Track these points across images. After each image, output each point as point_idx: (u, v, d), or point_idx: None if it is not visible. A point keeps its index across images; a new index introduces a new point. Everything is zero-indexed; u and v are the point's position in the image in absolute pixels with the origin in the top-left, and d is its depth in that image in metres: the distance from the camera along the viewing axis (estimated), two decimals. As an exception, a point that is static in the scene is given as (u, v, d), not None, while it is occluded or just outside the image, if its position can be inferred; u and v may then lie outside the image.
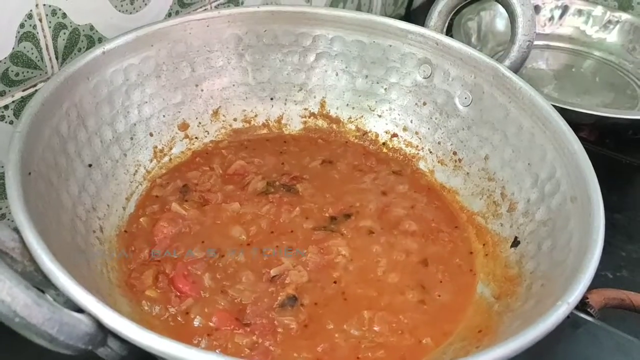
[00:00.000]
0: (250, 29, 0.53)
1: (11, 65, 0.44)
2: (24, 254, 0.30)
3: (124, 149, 0.48)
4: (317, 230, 0.46)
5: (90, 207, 0.43)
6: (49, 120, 0.40)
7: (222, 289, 0.41)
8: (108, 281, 0.40)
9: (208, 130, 0.54)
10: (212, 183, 0.49)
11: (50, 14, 0.45)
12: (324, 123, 0.57)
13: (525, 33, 0.47)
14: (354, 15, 0.54)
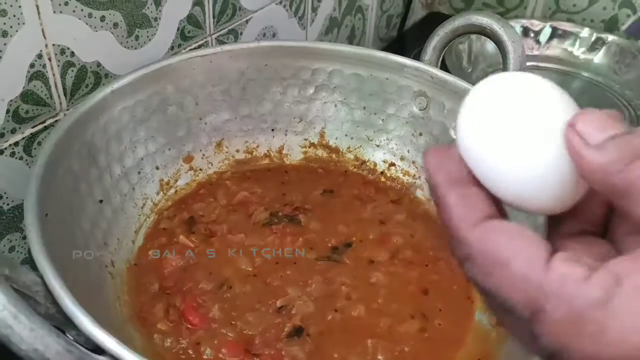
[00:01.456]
0: (251, 63, 0.55)
1: (21, 103, 0.46)
2: (47, 297, 0.32)
3: (132, 183, 0.49)
4: (320, 260, 0.48)
5: (102, 242, 0.44)
6: (62, 160, 0.42)
7: (231, 320, 0.43)
8: (121, 315, 0.41)
9: (212, 161, 0.56)
10: (217, 214, 0.51)
11: (59, 53, 0.47)
12: (324, 153, 0.59)
13: (516, 69, 0.49)
14: (352, 49, 0.56)
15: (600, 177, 0.19)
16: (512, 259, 0.19)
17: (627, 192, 0.18)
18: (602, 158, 0.19)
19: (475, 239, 0.21)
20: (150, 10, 0.53)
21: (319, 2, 0.76)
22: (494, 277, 0.20)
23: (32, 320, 0.26)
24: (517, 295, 0.19)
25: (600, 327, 0.17)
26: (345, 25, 0.84)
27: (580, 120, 0.20)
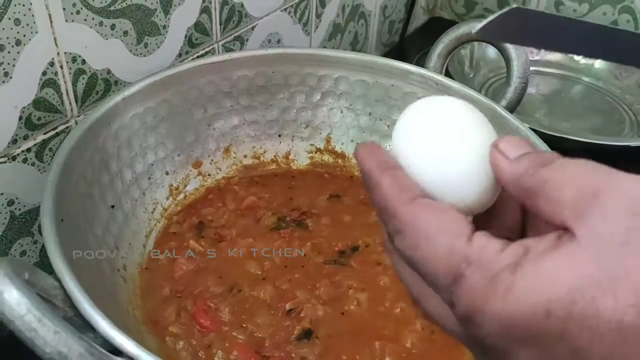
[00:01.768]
0: (259, 70, 0.56)
1: (34, 110, 0.46)
2: (65, 301, 0.32)
3: (142, 189, 0.50)
4: (327, 264, 0.49)
5: (114, 246, 0.45)
6: (76, 167, 0.42)
7: (241, 323, 0.44)
8: (134, 318, 0.42)
9: (220, 167, 0.57)
10: (226, 219, 0.52)
11: (71, 61, 0.48)
12: (330, 158, 0.60)
13: (519, 75, 0.50)
14: (358, 56, 0.56)
15: (517, 182, 0.23)
16: (439, 232, 0.22)
17: (535, 193, 0.22)
18: (518, 168, 0.23)
19: (407, 214, 0.23)
20: (159, 18, 0.54)
21: (323, 9, 0.77)
22: (421, 248, 0.22)
23: (55, 323, 0.27)
24: (441, 264, 0.22)
25: (509, 287, 0.20)
26: (348, 31, 0.85)
27: (502, 141, 0.24)
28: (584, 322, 0.19)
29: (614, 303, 0.18)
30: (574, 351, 0.19)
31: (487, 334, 0.21)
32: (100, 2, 0.48)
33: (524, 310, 0.20)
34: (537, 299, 0.19)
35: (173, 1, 0.54)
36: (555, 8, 1.00)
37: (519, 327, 0.20)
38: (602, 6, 0.96)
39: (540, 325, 0.19)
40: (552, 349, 0.20)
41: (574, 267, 0.19)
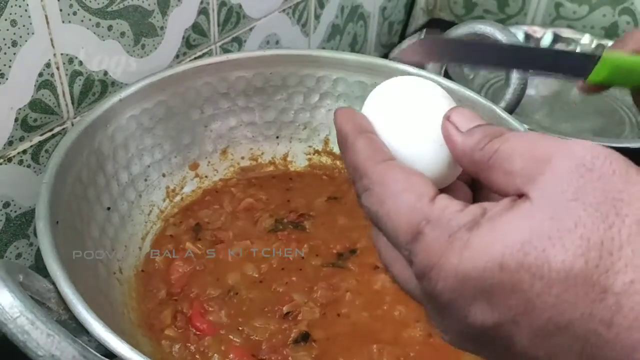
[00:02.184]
0: (257, 71, 0.55)
1: (30, 112, 0.46)
2: (59, 304, 0.32)
3: (139, 191, 0.50)
4: (325, 266, 0.48)
5: (110, 249, 0.45)
6: (71, 168, 0.42)
7: (238, 326, 0.43)
8: (129, 321, 0.42)
9: (217, 169, 0.57)
10: (223, 221, 0.52)
11: (67, 62, 0.47)
12: (328, 160, 0.60)
13: (518, 77, 0.50)
14: (356, 57, 0.56)
15: (469, 155, 0.23)
16: (405, 190, 0.23)
17: (487, 165, 0.23)
18: (469, 140, 0.23)
19: (377, 173, 0.24)
20: (157, 19, 0.53)
21: (322, 10, 0.77)
22: (385, 204, 0.23)
23: (49, 326, 0.27)
24: (402, 220, 0.23)
25: (465, 244, 0.21)
26: (347, 32, 0.85)
27: (453, 113, 0.24)
28: (536, 273, 0.20)
29: (564, 253, 0.19)
30: (525, 302, 0.20)
31: (442, 289, 0.21)
32: (97, 3, 0.47)
33: (478, 264, 0.20)
34: (492, 253, 0.20)
35: (170, 2, 0.54)
36: (555, 10, 0.99)
37: (474, 281, 0.21)
38: (602, 8, 0.96)
39: (495, 278, 0.20)
40: (506, 302, 0.20)
41: (526, 223, 0.20)
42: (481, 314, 0.21)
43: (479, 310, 0.21)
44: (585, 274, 0.19)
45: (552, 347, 0.20)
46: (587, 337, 0.19)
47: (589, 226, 0.19)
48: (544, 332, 0.20)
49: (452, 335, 0.23)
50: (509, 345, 0.21)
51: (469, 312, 0.21)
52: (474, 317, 0.21)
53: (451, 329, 0.23)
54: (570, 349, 0.20)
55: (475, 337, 0.22)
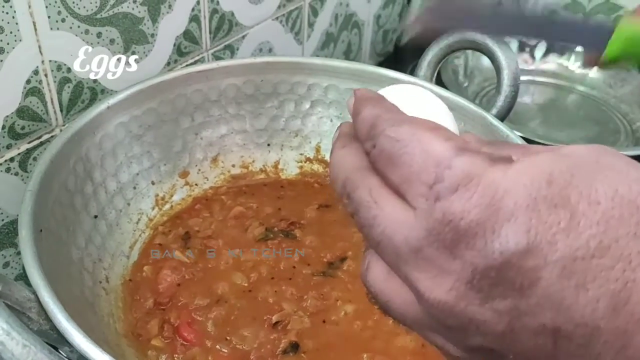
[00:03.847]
0: (247, 79, 0.55)
1: (17, 119, 0.46)
2: (40, 313, 0.32)
3: (127, 199, 0.49)
4: (315, 275, 0.48)
5: (97, 258, 0.44)
6: (57, 176, 0.42)
7: (226, 335, 0.43)
8: (115, 331, 0.41)
9: (207, 176, 0.56)
10: (213, 229, 0.51)
11: (56, 69, 0.47)
12: (320, 167, 0.59)
13: (510, 84, 0.50)
14: (347, 65, 0.56)
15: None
16: (433, 140, 0.22)
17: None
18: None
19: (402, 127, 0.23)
20: (147, 26, 0.53)
21: (315, 18, 0.77)
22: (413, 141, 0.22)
23: (25, 336, 0.26)
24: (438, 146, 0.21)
25: (509, 166, 0.20)
26: (341, 40, 0.84)
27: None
28: (583, 191, 0.19)
29: (609, 181, 0.20)
30: (569, 218, 0.19)
31: (475, 204, 0.20)
32: (86, 10, 0.47)
33: (523, 179, 0.20)
34: (540, 168, 0.20)
35: (161, 9, 0.54)
36: (549, 18, 0.99)
37: (515, 197, 0.20)
38: (596, 16, 0.96)
39: (541, 191, 0.20)
40: (547, 218, 0.19)
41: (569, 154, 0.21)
42: (513, 236, 0.19)
43: (511, 230, 0.19)
44: (630, 198, 0.19)
45: (587, 272, 0.19)
46: (630, 259, 0.19)
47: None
48: (583, 253, 0.19)
49: (458, 292, 0.20)
50: (531, 283, 0.19)
51: (499, 235, 0.19)
52: (504, 239, 0.19)
53: (463, 273, 0.20)
54: (609, 276, 0.19)
55: (490, 279, 0.20)
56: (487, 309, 0.20)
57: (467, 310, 0.20)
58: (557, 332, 0.19)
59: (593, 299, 0.19)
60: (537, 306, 0.19)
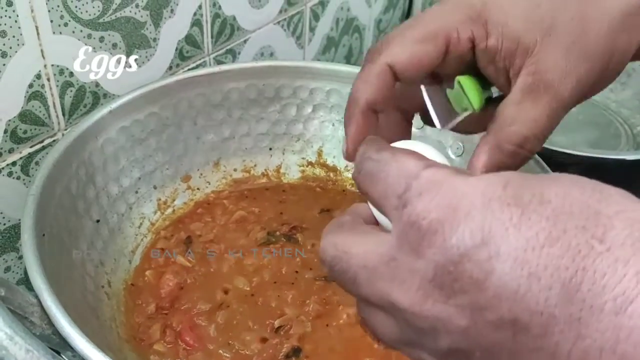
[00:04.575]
0: (249, 83, 0.55)
1: (20, 123, 0.46)
2: (43, 318, 0.31)
3: (129, 203, 0.49)
4: (317, 280, 0.48)
5: (99, 262, 0.44)
6: (60, 180, 0.42)
7: (228, 340, 0.42)
8: (117, 336, 0.41)
9: (209, 180, 0.56)
10: (215, 234, 0.51)
11: (58, 74, 0.47)
12: (322, 171, 0.59)
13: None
14: (349, 69, 0.56)
15: None
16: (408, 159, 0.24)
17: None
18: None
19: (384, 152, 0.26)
20: (149, 31, 0.53)
21: (317, 22, 0.77)
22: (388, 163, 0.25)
23: (28, 341, 0.26)
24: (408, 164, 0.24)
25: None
26: (342, 44, 0.85)
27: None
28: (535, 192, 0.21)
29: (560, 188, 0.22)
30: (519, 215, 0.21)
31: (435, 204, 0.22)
32: (88, 15, 0.47)
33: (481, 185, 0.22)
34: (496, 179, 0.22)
35: (163, 14, 0.54)
36: (550, 22, 0.99)
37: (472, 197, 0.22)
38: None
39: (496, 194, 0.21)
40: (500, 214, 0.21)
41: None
42: (469, 231, 0.21)
43: (467, 227, 0.21)
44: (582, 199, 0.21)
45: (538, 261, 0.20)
46: (579, 248, 0.20)
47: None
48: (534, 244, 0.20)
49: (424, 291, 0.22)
50: (487, 274, 0.20)
51: (456, 231, 0.21)
52: (460, 234, 0.21)
53: (427, 271, 0.22)
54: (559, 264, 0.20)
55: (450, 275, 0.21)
56: (451, 305, 0.21)
57: (433, 309, 0.22)
58: (515, 324, 0.20)
59: (545, 286, 0.20)
60: (495, 298, 0.20)
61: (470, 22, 0.32)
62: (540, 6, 0.32)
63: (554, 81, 0.31)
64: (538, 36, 0.31)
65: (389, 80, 0.33)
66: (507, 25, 0.32)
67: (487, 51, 0.32)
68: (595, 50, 0.32)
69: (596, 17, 0.32)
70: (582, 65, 0.31)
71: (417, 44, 0.32)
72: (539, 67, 0.31)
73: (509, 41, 0.32)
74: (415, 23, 0.33)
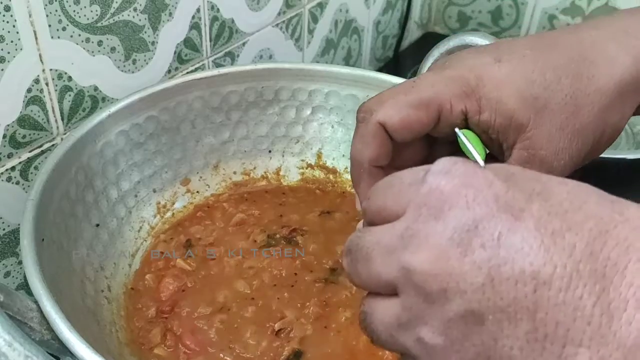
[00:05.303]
0: (248, 85, 0.55)
1: (19, 128, 0.46)
2: (42, 323, 0.31)
3: (129, 207, 0.49)
4: (318, 282, 0.47)
5: (98, 266, 0.44)
6: (58, 185, 0.42)
7: (229, 343, 0.42)
8: (117, 340, 0.41)
9: (209, 184, 0.56)
10: (215, 237, 0.51)
11: (57, 78, 0.47)
12: (321, 174, 0.59)
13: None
14: (348, 71, 0.56)
15: None
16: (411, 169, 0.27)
17: None
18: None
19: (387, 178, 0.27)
20: (148, 34, 0.53)
21: (315, 24, 0.77)
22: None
23: (27, 347, 0.26)
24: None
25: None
26: (341, 46, 0.85)
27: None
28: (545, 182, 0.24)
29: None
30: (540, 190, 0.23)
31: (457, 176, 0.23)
32: (87, 19, 0.47)
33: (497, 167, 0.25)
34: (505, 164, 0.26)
35: (162, 17, 0.54)
36: (548, 22, 0.99)
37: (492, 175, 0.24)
38: (596, 19, 0.96)
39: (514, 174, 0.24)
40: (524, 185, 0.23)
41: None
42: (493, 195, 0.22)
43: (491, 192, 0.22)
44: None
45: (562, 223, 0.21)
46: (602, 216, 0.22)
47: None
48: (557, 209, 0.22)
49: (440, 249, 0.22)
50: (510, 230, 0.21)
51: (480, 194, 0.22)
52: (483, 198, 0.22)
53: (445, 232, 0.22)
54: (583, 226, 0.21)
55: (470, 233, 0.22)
56: (467, 262, 0.21)
57: (447, 266, 0.22)
58: (536, 277, 0.20)
59: (570, 244, 0.21)
60: (516, 252, 0.21)
61: (464, 96, 0.33)
62: (535, 84, 0.32)
63: (548, 157, 0.32)
64: (532, 113, 0.32)
65: (384, 138, 0.34)
66: (501, 102, 0.32)
67: (479, 124, 0.33)
68: (588, 127, 0.33)
69: (589, 95, 0.33)
70: (574, 141, 0.33)
71: (411, 108, 0.33)
72: (533, 143, 0.32)
73: (503, 118, 0.33)
74: (409, 88, 0.34)
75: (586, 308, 0.20)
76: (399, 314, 0.24)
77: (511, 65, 0.33)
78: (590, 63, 0.33)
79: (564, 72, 0.33)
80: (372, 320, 0.25)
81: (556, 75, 0.32)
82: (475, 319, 0.21)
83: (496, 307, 0.21)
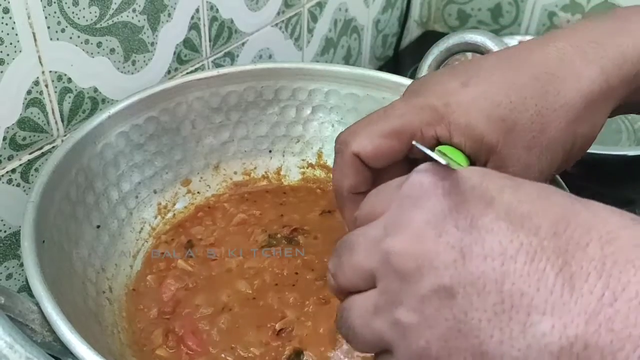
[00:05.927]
0: (248, 85, 0.55)
1: (19, 130, 0.46)
2: (43, 325, 0.31)
3: (129, 208, 0.49)
4: (318, 281, 0.47)
5: (100, 268, 0.44)
6: (59, 187, 0.42)
7: (231, 344, 0.42)
8: (119, 342, 0.41)
9: (209, 184, 0.56)
10: (216, 237, 0.51)
11: (56, 80, 0.47)
12: (322, 173, 0.59)
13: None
14: (348, 69, 0.56)
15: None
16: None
17: None
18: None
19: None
20: (147, 35, 0.53)
21: (315, 24, 0.77)
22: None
23: (28, 349, 0.26)
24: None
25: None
26: (341, 45, 0.85)
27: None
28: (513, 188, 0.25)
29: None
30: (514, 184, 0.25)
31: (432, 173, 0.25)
32: (85, 20, 0.47)
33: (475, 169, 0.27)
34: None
35: (161, 18, 0.54)
36: (548, 19, 0.99)
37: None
38: (595, 16, 0.96)
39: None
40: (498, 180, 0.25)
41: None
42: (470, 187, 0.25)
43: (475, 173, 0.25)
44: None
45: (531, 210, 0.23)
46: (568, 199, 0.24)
47: None
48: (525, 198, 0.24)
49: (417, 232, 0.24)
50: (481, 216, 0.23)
51: (458, 184, 0.24)
52: (463, 187, 0.24)
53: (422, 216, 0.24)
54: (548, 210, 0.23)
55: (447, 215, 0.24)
56: (441, 242, 0.23)
57: (423, 247, 0.24)
58: (504, 253, 0.22)
59: (536, 225, 0.22)
60: (488, 232, 0.23)
61: (434, 123, 0.34)
62: (500, 106, 0.34)
63: (518, 173, 0.34)
64: (500, 135, 0.33)
65: (361, 167, 0.36)
66: (469, 127, 0.34)
67: (452, 147, 0.35)
68: (557, 142, 0.34)
69: (555, 110, 0.34)
70: (543, 157, 0.34)
71: (383, 138, 0.35)
72: (503, 161, 0.34)
73: (472, 141, 0.34)
74: (381, 118, 0.36)
75: (549, 279, 0.21)
76: (376, 299, 0.25)
77: (478, 89, 0.34)
78: (556, 79, 0.34)
79: (529, 92, 0.34)
80: (349, 315, 0.27)
81: (521, 96, 0.33)
82: (447, 294, 0.23)
83: (466, 281, 0.22)
